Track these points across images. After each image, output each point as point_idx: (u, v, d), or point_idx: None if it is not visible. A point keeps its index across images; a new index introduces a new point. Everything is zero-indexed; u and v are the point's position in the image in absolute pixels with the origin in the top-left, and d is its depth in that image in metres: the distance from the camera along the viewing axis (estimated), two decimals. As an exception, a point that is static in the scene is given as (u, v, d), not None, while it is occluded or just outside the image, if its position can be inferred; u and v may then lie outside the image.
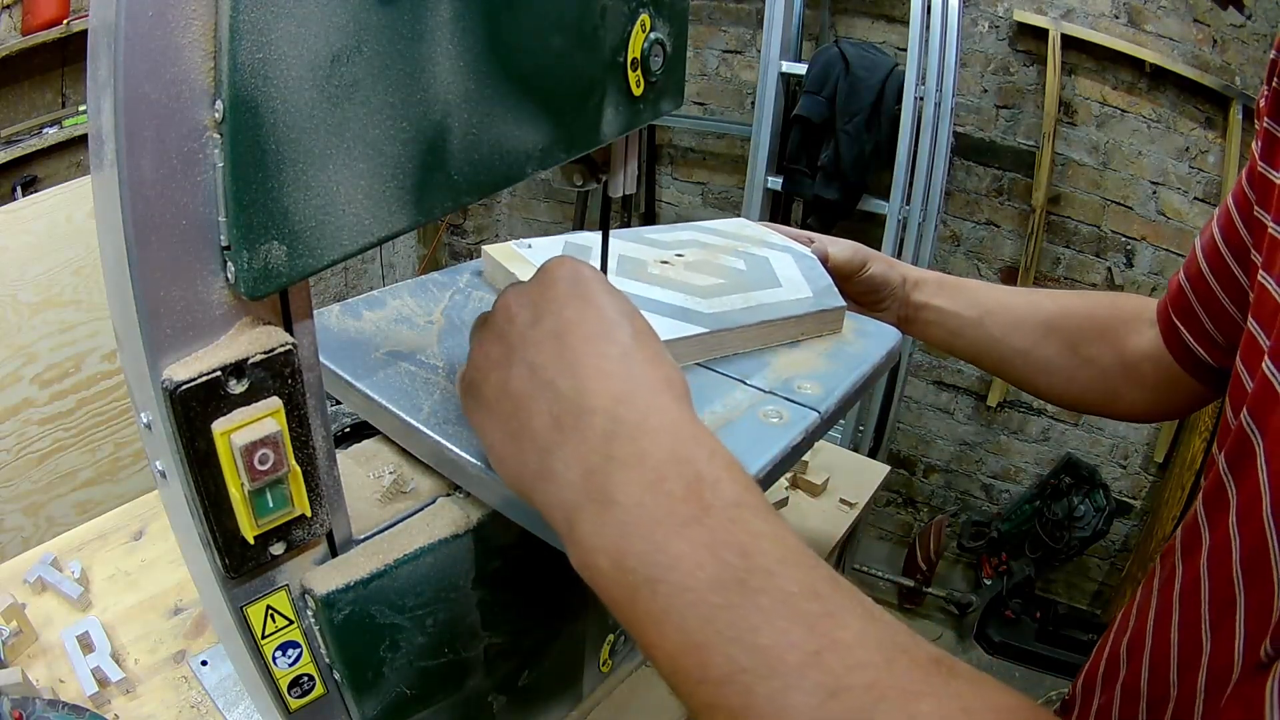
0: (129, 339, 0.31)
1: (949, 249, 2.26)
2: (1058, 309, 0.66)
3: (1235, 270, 0.52)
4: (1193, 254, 0.56)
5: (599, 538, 0.30)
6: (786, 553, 0.29)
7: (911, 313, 0.69)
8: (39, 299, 0.94)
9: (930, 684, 0.26)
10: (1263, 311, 0.43)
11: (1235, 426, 0.41)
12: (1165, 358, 0.59)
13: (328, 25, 0.29)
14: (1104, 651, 0.52)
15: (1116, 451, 2.21)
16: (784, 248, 0.69)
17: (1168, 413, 0.64)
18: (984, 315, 0.66)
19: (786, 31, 2.04)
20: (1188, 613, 0.42)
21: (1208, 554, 0.41)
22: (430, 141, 0.34)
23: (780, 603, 0.27)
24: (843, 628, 0.27)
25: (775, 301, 0.58)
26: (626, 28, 0.42)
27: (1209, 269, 0.54)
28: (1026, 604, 2.25)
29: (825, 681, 0.26)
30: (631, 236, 0.69)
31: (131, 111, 0.26)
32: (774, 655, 0.26)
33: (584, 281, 0.36)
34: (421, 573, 0.42)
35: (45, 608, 0.65)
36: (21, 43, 1.84)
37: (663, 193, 2.67)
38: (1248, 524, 0.37)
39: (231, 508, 0.33)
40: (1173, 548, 0.47)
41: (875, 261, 0.68)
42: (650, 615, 0.29)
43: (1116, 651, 0.49)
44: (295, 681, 0.41)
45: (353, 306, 0.57)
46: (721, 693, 0.27)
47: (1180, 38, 1.83)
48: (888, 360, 0.57)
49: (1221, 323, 0.54)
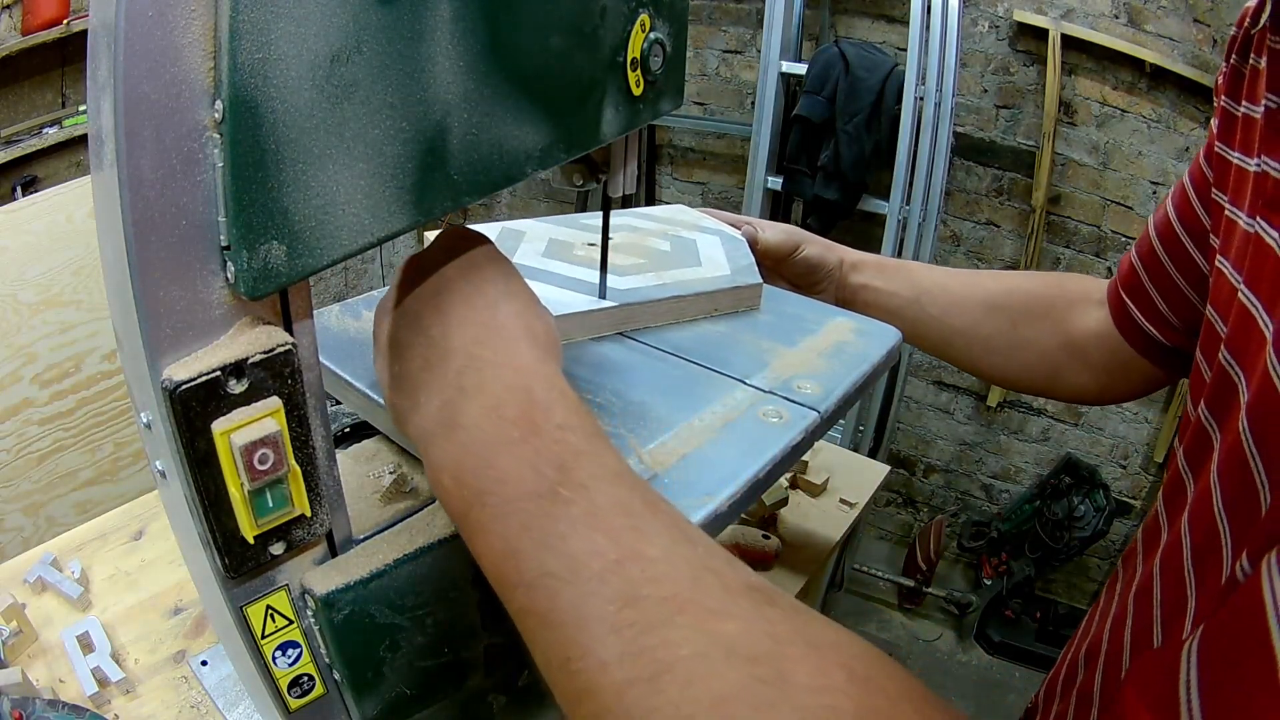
0: (129, 339, 0.31)
1: (949, 249, 2.26)
2: (1000, 288, 0.66)
3: (1191, 250, 0.51)
4: (1145, 233, 0.55)
5: (443, 457, 0.33)
6: (603, 471, 0.31)
7: (849, 295, 0.70)
8: (39, 299, 0.94)
9: (738, 607, 0.27)
10: (1219, 297, 0.42)
11: (1194, 419, 0.41)
12: (1113, 338, 0.58)
13: (328, 25, 0.29)
14: (1065, 658, 0.51)
15: (1116, 451, 2.21)
16: (714, 231, 0.72)
17: (1117, 394, 0.63)
18: (920, 295, 0.67)
19: (786, 31, 2.04)
20: (1141, 614, 0.41)
21: (1161, 552, 0.40)
22: (430, 141, 0.34)
23: (589, 514, 0.29)
24: (648, 543, 0.29)
25: (691, 279, 0.62)
26: (626, 27, 0.42)
27: (1162, 247, 0.53)
28: (1026, 604, 2.25)
29: (623, 589, 0.27)
30: (567, 222, 0.72)
31: (131, 111, 0.26)
32: (578, 561, 0.28)
33: (471, 246, 0.40)
34: (421, 572, 0.42)
35: (45, 608, 0.65)
36: (21, 43, 1.84)
37: (662, 193, 2.67)
38: (1200, 520, 0.36)
39: (231, 508, 0.33)
40: (1134, 549, 0.46)
41: (809, 244, 0.69)
42: (480, 524, 0.31)
43: (1076, 657, 0.48)
44: (295, 681, 0.41)
45: (353, 306, 0.57)
46: (532, 596, 0.29)
47: (1180, 38, 1.83)
48: (888, 360, 0.57)
49: (1174, 301, 0.53)
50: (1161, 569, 0.40)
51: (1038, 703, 0.53)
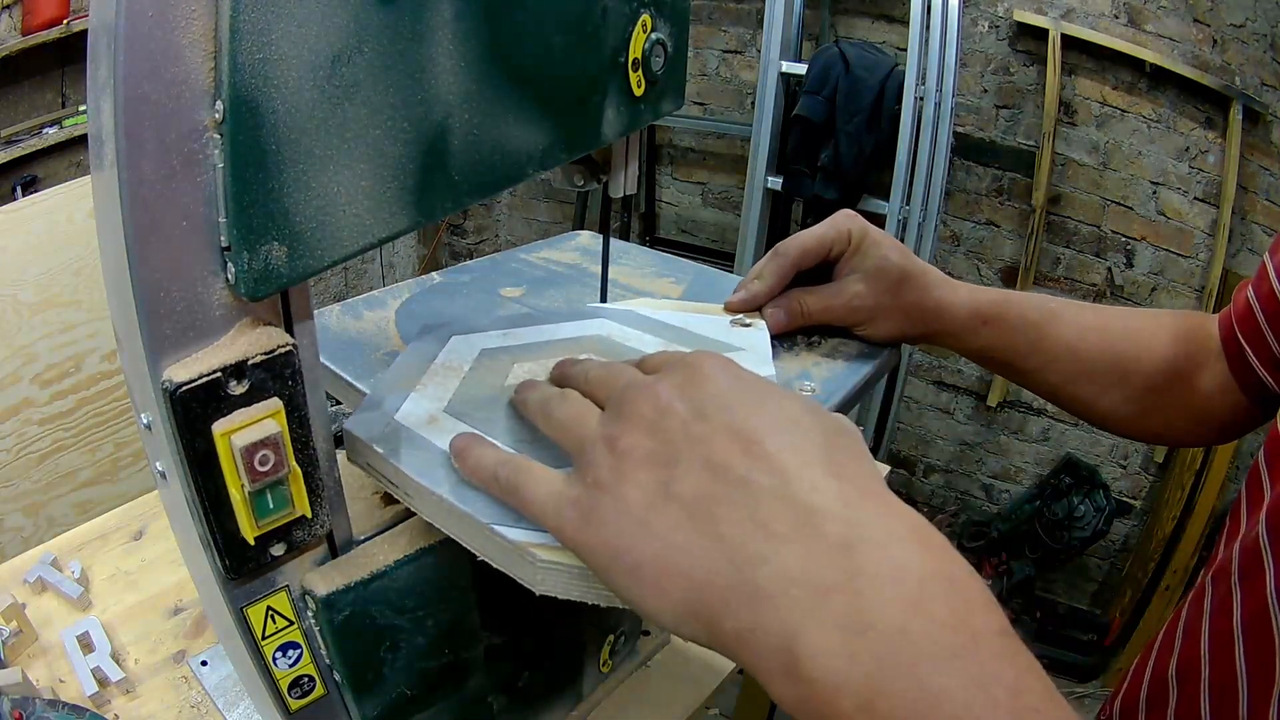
0: (129, 339, 0.31)
1: (949, 249, 2.26)
2: (1131, 351, 0.57)
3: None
4: (1263, 270, 0.51)
5: (846, 673, 0.24)
6: (1048, 689, 0.25)
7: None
8: (39, 299, 0.94)
9: None
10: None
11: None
12: (1231, 394, 0.54)
13: (328, 26, 0.29)
14: (1145, 674, 0.49)
15: (1116, 451, 2.21)
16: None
17: (1223, 439, 0.59)
18: (1047, 365, 0.57)
19: (786, 31, 2.04)
20: (1255, 642, 0.40)
21: (1275, 584, 0.39)
22: (431, 142, 0.34)
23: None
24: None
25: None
26: (627, 28, 0.42)
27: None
28: (1026, 604, 2.25)
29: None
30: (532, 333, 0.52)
31: (131, 112, 0.26)
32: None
33: (744, 373, 0.32)
34: (422, 574, 0.42)
35: (45, 608, 0.65)
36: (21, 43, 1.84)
37: (663, 193, 2.67)
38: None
39: (232, 509, 0.33)
40: (1227, 569, 0.44)
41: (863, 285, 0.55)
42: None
43: (1163, 675, 0.47)
44: (295, 682, 0.41)
45: (353, 306, 0.57)
46: None
47: (1180, 38, 1.83)
48: (888, 361, 0.57)
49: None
50: (1279, 599, 0.39)
51: (1112, 714, 0.52)
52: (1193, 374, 0.56)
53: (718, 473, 0.28)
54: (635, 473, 0.29)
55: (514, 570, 0.35)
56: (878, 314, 0.53)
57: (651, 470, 0.29)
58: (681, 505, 0.28)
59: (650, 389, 0.31)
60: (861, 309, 0.53)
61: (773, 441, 0.28)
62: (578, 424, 0.34)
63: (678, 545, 0.28)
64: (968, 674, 0.24)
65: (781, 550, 0.26)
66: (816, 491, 0.27)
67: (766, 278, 0.54)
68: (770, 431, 0.28)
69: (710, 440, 0.29)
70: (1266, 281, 0.50)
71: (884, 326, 0.54)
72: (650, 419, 0.30)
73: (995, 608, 0.25)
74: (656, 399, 0.31)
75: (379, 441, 0.40)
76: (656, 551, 0.28)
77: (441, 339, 0.50)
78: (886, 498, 0.28)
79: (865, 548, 0.26)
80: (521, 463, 0.34)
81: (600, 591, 0.32)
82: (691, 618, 0.28)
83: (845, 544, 0.26)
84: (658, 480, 0.29)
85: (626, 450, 0.30)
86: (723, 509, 0.27)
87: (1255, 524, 0.42)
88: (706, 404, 0.30)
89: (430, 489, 0.37)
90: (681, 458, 0.29)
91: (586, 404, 0.35)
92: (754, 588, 0.26)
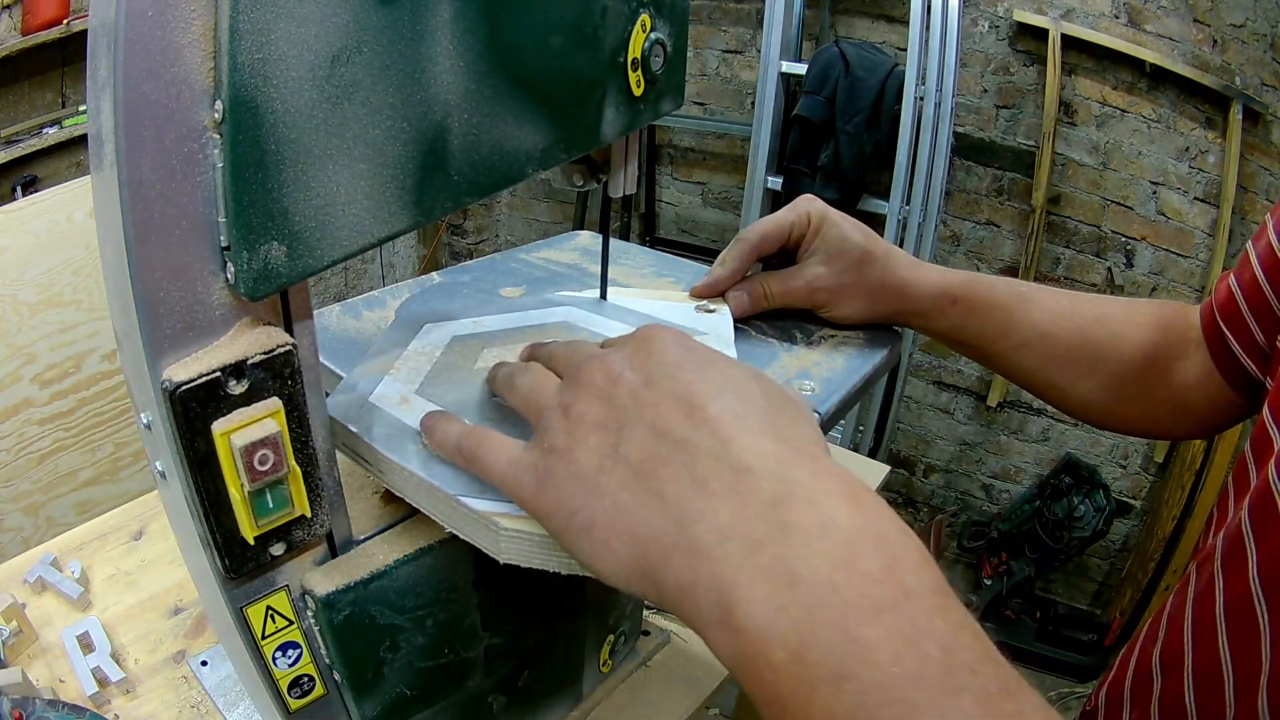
0: (129, 339, 0.31)
1: (949, 249, 2.26)
2: (1106, 336, 0.57)
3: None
4: (1245, 259, 0.51)
5: (775, 624, 0.25)
6: (985, 648, 0.25)
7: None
8: (39, 299, 0.94)
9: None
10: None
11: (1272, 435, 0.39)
12: (1213, 383, 0.53)
13: (328, 25, 0.29)
14: (1130, 662, 0.49)
15: (1116, 451, 2.21)
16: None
17: (1207, 431, 0.59)
18: (1018, 347, 0.57)
19: (786, 31, 2.04)
20: (1238, 628, 0.40)
21: (1258, 568, 0.39)
22: (430, 142, 0.34)
23: (982, 702, 0.23)
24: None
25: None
26: (627, 28, 0.42)
27: (1264, 275, 0.49)
28: (1026, 604, 2.25)
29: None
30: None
31: (131, 111, 0.26)
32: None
33: (694, 344, 0.33)
34: (421, 573, 0.42)
35: (45, 608, 0.65)
36: (21, 43, 1.84)
37: (663, 193, 2.67)
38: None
39: (231, 508, 0.33)
40: (1211, 555, 0.44)
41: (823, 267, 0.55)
42: (829, 718, 0.24)
43: (1147, 663, 0.47)
44: (295, 682, 0.41)
45: (353, 306, 0.57)
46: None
47: (1180, 38, 1.83)
48: (888, 361, 0.57)
49: (1271, 333, 0.49)
50: (1263, 585, 0.38)
51: (1097, 705, 0.52)
52: (1172, 363, 0.56)
53: (662, 435, 0.29)
54: (587, 437, 0.31)
55: (478, 539, 0.36)
56: (840, 294, 0.54)
57: (602, 434, 0.31)
58: (628, 467, 0.29)
59: (604, 360, 0.33)
60: (823, 289, 0.54)
61: (714, 406, 0.29)
62: (538, 393, 0.36)
63: (624, 504, 0.29)
64: (897, 628, 0.24)
65: (717, 507, 0.27)
66: (751, 452, 0.28)
67: (729, 263, 0.55)
68: (712, 397, 0.30)
69: (657, 405, 0.30)
70: (1249, 269, 0.50)
71: (848, 307, 0.55)
72: (602, 387, 0.32)
73: (930, 566, 0.26)
74: (609, 369, 0.32)
75: (353, 421, 0.42)
76: (605, 510, 0.29)
77: (415, 326, 0.53)
78: (821, 459, 0.29)
79: (796, 504, 0.26)
80: (482, 433, 0.36)
81: (561, 559, 0.34)
82: (639, 575, 0.29)
83: (776, 500, 0.27)
84: (607, 444, 0.30)
85: (579, 416, 0.32)
86: (665, 469, 0.29)
87: (1239, 511, 0.42)
88: (655, 372, 0.31)
89: (401, 464, 0.39)
90: (629, 422, 0.30)
91: (547, 375, 0.37)
92: (692, 542, 0.27)
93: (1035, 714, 0.24)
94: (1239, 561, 0.41)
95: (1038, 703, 0.25)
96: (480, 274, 0.64)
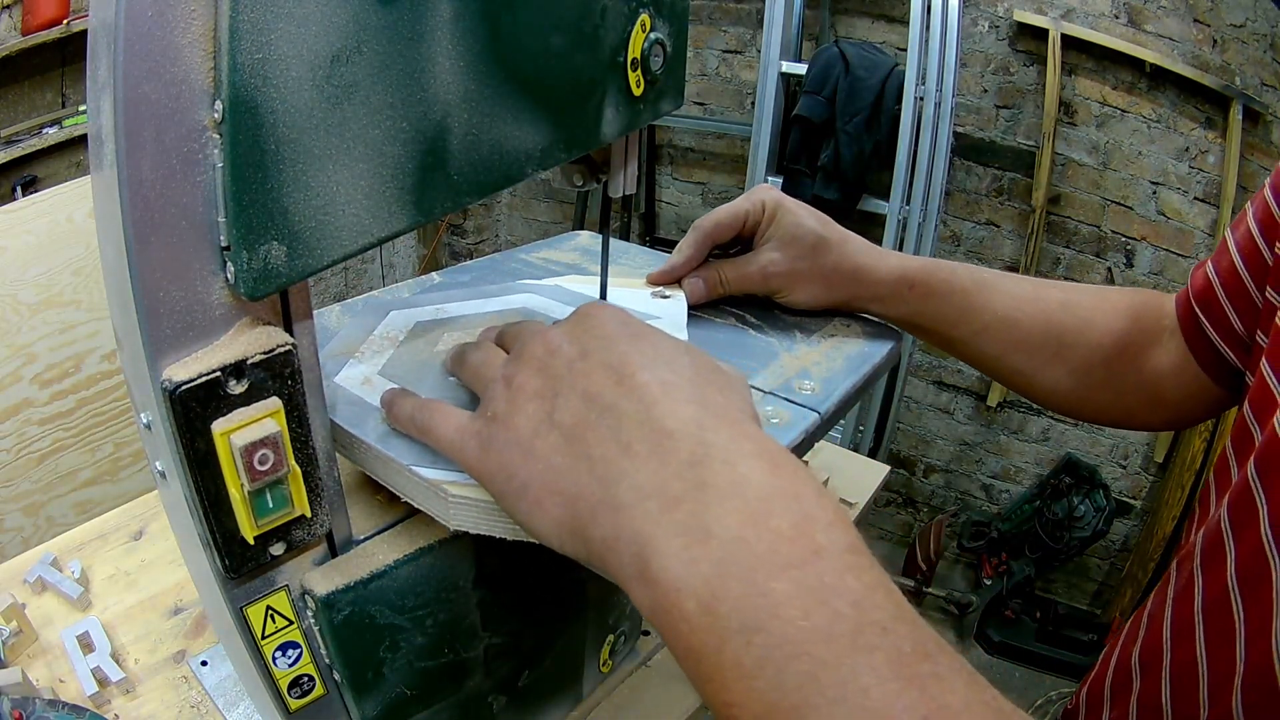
0: (129, 339, 0.31)
1: (949, 249, 2.26)
2: (1073, 322, 0.56)
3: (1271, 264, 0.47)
4: (1224, 246, 0.50)
5: (687, 576, 0.26)
6: (899, 608, 0.26)
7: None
8: (39, 299, 0.94)
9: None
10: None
11: (1266, 435, 0.39)
12: (1188, 371, 0.53)
13: (328, 25, 0.29)
14: (1111, 661, 0.49)
15: (1116, 451, 2.21)
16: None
17: (1185, 423, 0.58)
18: (979, 332, 0.57)
19: (786, 31, 2.04)
20: (1215, 626, 0.40)
21: (1236, 567, 0.39)
22: (430, 142, 0.34)
23: (894, 662, 0.24)
24: (951, 691, 0.24)
25: None
26: (626, 28, 0.42)
27: (1243, 263, 0.48)
28: (1026, 604, 2.25)
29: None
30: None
31: (131, 111, 0.26)
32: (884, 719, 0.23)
33: (631, 320, 0.34)
34: (421, 573, 0.42)
35: (45, 608, 0.65)
36: (21, 43, 1.84)
37: (662, 193, 2.67)
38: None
39: (231, 508, 0.33)
40: (1191, 554, 0.44)
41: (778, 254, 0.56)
42: (739, 669, 0.25)
43: (1127, 662, 0.47)
44: (295, 682, 0.41)
45: (353, 306, 0.57)
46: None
47: (1180, 38, 1.83)
48: (888, 360, 0.57)
49: (1249, 321, 0.48)
50: (1239, 585, 0.39)
51: (1079, 705, 0.52)
52: (1144, 350, 0.55)
53: (592, 401, 0.31)
54: (525, 405, 0.33)
55: (430, 506, 0.38)
56: (795, 279, 0.55)
57: (539, 402, 0.33)
58: (561, 431, 0.31)
59: (545, 334, 0.35)
60: (776, 275, 0.55)
61: (643, 375, 0.31)
62: (485, 367, 0.38)
63: (556, 466, 0.31)
64: (806, 584, 0.25)
65: (639, 467, 0.29)
66: (673, 417, 0.29)
67: (684, 250, 0.57)
68: (642, 366, 0.31)
69: (589, 374, 0.32)
70: (1227, 256, 0.50)
71: (803, 292, 0.56)
72: (541, 359, 0.34)
73: (844, 527, 0.27)
74: (548, 342, 0.34)
75: None
76: (539, 472, 0.31)
77: (381, 313, 0.55)
78: (742, 424, 0.30)
79: (712, 464, 0.28)
80: (434, 405, 0.38)
81: (506, 524, 0.36)
82: (570, 533, 0.31)
83: (694, 461, 0.28)
84: (543, 410, 0.32)
85: (520, 386, 0.34)
86: (593, 433, 0.30)
87: (1219, 508, 0.42)
88: (591, 345, 0.33)
89: (360, 438, 0.41)
90: (563, 390, 0.32)
91: (495, 350, 0.40)
92: (615, 500, 0.29)
93: (954, 677, 0.25)
94: (1218, 560, 0.41)
95: (958, 666, 0.25)
96: (480, 274, 0.64)
